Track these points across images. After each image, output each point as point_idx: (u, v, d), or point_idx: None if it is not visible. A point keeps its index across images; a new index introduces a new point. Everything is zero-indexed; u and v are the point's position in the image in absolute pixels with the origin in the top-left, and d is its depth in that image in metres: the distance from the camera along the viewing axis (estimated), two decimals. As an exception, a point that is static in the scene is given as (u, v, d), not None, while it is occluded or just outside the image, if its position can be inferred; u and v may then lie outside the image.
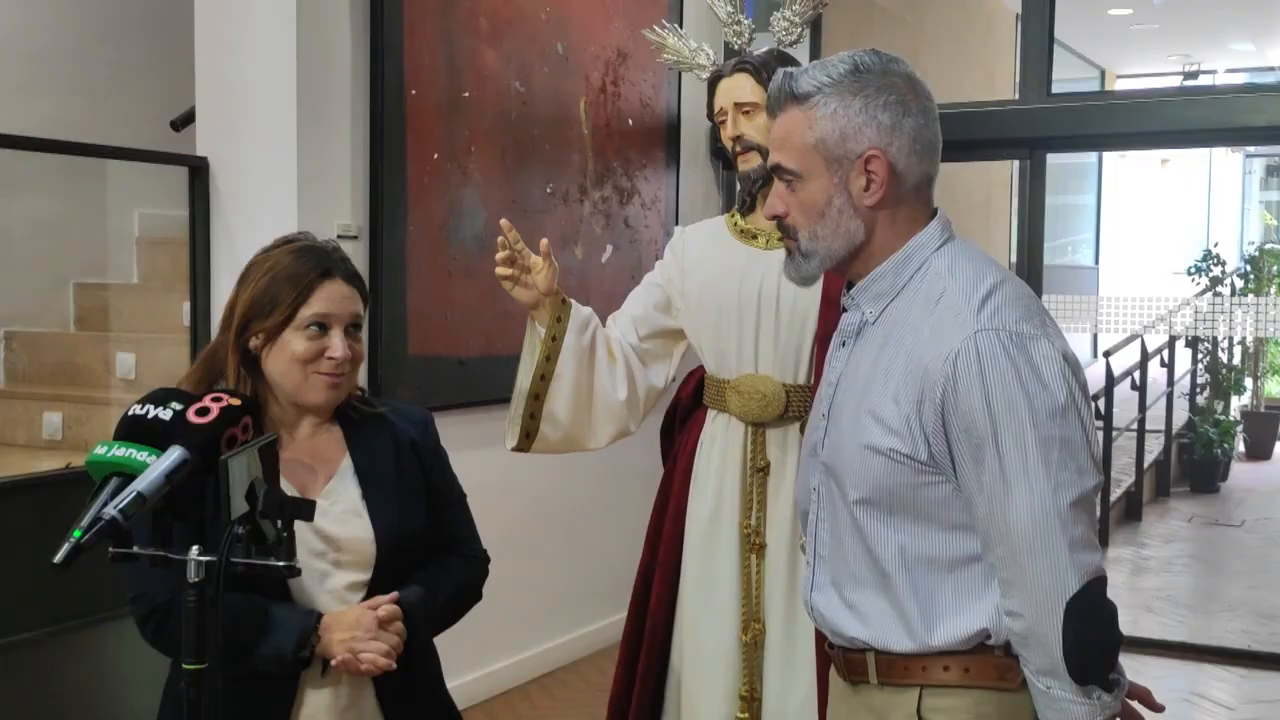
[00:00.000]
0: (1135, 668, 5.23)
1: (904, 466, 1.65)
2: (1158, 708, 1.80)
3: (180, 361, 4.01)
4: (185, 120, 4.36)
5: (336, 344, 1.95)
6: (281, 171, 3.77)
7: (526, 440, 2.62)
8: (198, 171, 3.84)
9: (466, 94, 4.32)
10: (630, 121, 5.22)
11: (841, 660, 1.79)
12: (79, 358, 4.65)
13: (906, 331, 1.68)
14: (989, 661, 1.67)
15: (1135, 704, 1.79)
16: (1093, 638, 1.60)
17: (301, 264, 1.97)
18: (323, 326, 1.95)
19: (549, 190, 4.75)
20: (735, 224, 2.71)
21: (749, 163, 2.59)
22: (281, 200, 3.77)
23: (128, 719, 3.55)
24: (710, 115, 2.72)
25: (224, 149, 3.85)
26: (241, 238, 3.79)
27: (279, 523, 1.63)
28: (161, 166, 4.05)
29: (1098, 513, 1.53)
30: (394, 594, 1.96)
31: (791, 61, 2.59)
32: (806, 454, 1.87)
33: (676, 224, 5.35)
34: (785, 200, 1.75)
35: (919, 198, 1.74)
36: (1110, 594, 1.65)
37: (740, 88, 2.60)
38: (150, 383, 4.28)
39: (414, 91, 4.09)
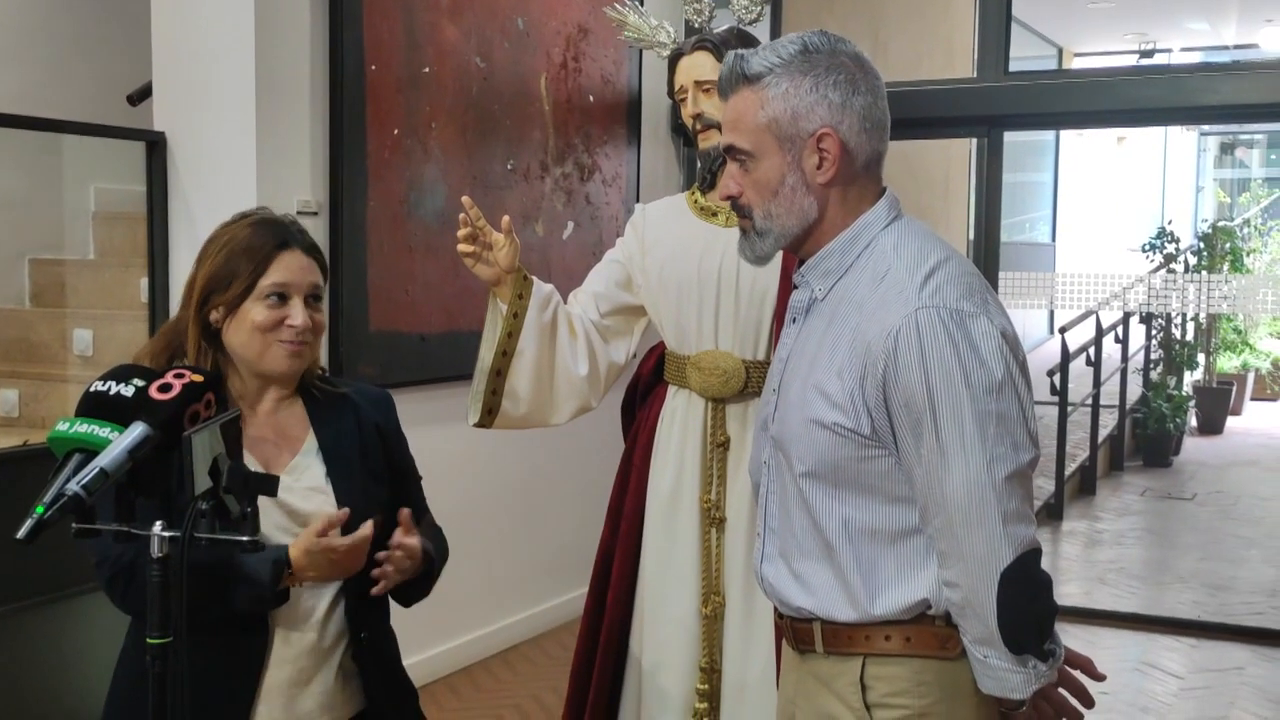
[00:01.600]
0: (1088, 638, 5.35)
1: (847, 440, 1.68)
2: (1099, 677, 1.86)
3: (139, 338, 3.98)
4: (142, 95, 4.32)
5: (296, 312, 1.98)
6: (240, 147, 3.74)
7: (489, 416, 2.63)
8: (155, 147, 3.81)
9: (427, 69, 4.31)
10: (591, 98, 5.22)
11: (790, 630, 1.83)
12: (35, 334, 4.60)
13: (852, 308, 1.72)
14: (929, 631, 1.71)
15: (1077, 673, 1.84)
16: (1026, 608, 1.64)
17: (259, 236, 2.00)
18: (282, 296, 1.98)
19: (510, 167, 4.75)
20: (695, 201, 2.73)
21: (709, 140, 2.61)
22: (240, 176, 3.75)
23: (87, 695, 3.55)
24: (671, 93, 2.74)
25: (182, 124, 3.82)
26: (200, 213, 3.77)
27: (243, 498, 1.64)
28: (118, 141, 4.02)
29: (1034, 487, 1.55)
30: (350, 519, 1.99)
31: (752, 40, 2.61)
32: (758, 428, 1.91)
33: (637, 201, 5.37)
34: (739, 181, 1.78)
35: (869, 175, 1.77)
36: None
37: (700, 66, 2.62)
38: (108, 359, 4.25)
39: (374, 67, 4.08)
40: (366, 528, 1.95)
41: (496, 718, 4.27)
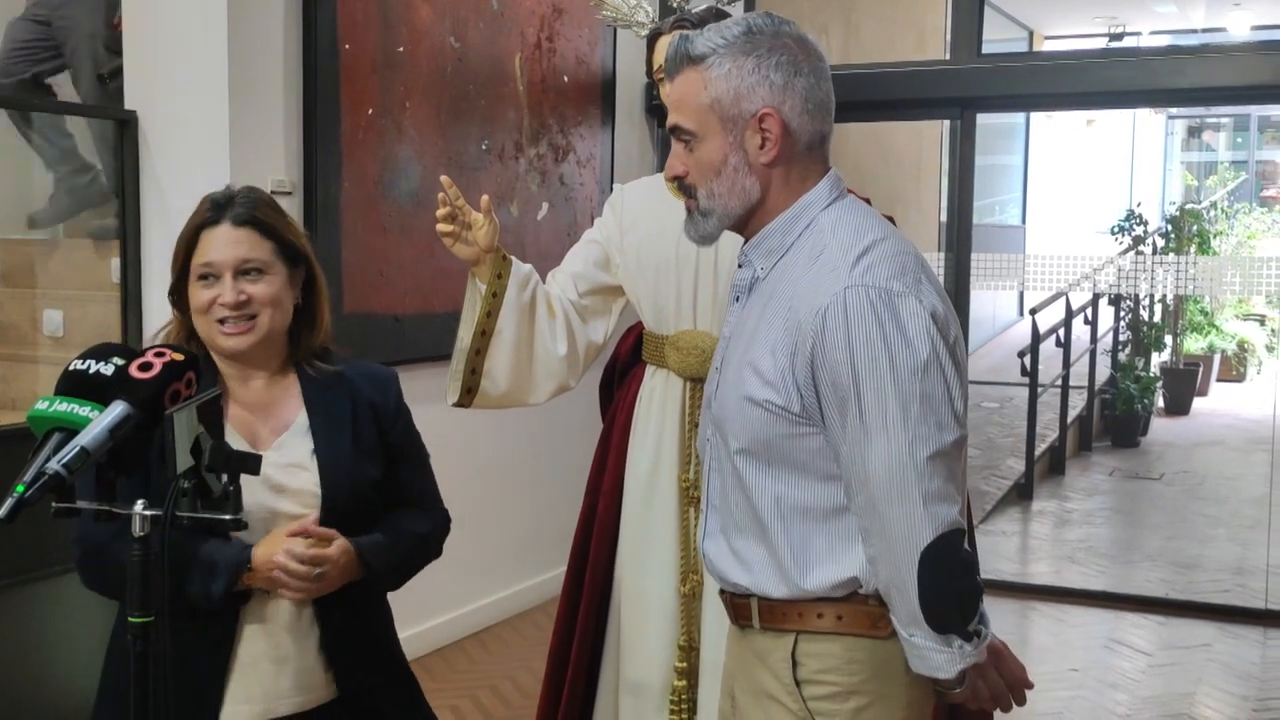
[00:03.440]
0: (1058, 616, 5.41)
1: (779, 418, 1.70)
2: (1028, 685, 1.86)
3: (110, 319, 3.95)
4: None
5: (224, 290, 1.96)
6: (213, 126, 3.72)
7: (468, 396, 2.63)
8: (126, 126, 3.77)
9: (401, 49, 4.29)
10: (566, 78, 5.20)
11: (730, 605, 1.85)
12: (4, 315, 4.55)
13: (788, 287, 1.74)
14: (861, 610, 1.73)
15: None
16: (947, 587, 1.66)
17: (196, 216, 2.01)
18: (214, 275, 1.97)
19: (484, 147, 4.74)
20: (674, 181, 2.72)
21: (687, 120, 2.61)
22: (213, 155, 3.72)
23: (64, 679, 3.53)
24: (649, 72, 2.73)
25: (153, 103, 3.79)
26: (172, 193, 3.74)
27: (225, 476, 1.64)
28: (89, 120, 3.98)
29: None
30: (328, 530, 1.96)
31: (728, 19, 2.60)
32: (704, 406, 1.93)
33: (612, 182, 5.37)
34: (684, 160, 1.80)
35: (812, 156, 1.78)
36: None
37: (679, 45, 2.61)
38: (79, 340, 4.22)
39: (348, 46, 4.05)
40: (330, 549, 1.92)
41: (471, 698, 4.28)
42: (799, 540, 1.72)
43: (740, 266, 1.86)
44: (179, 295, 2.02)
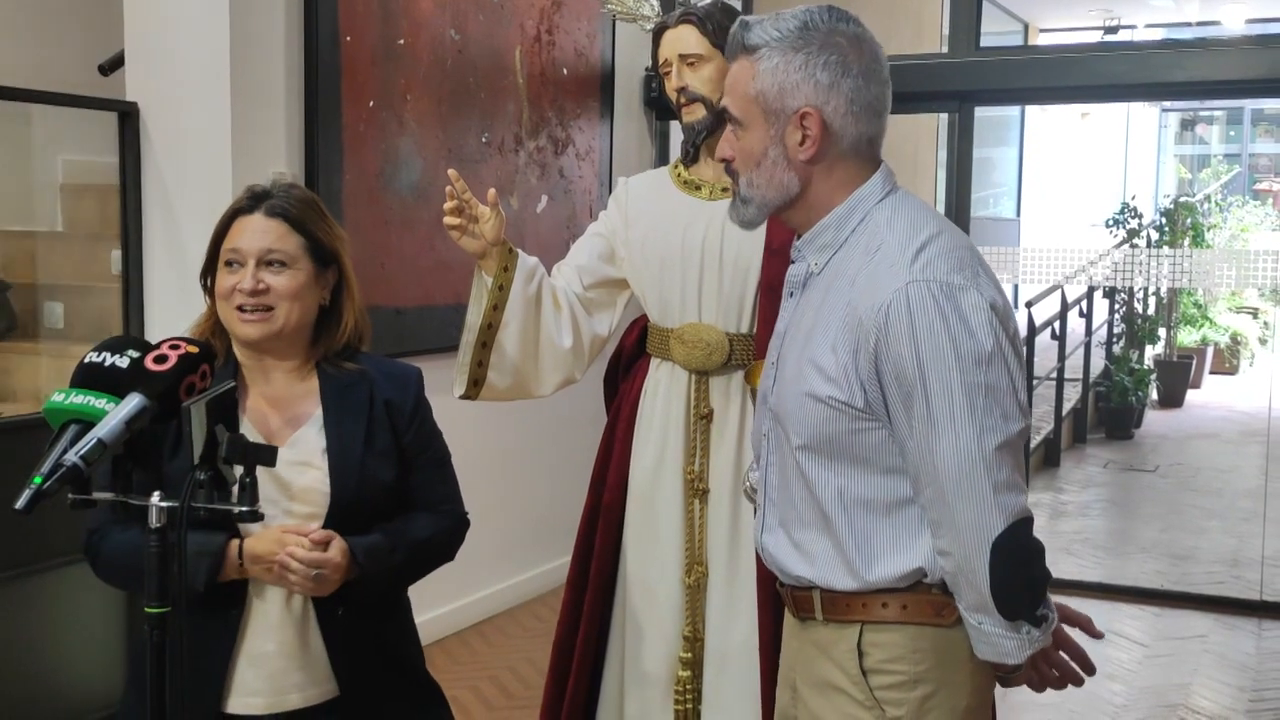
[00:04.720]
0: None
1: (842, 413, 1.71)
2: (1097, 635, 1.92)
3: (111, 311, 3.95)
4: (114, 64, 4.27)
5: (243, 277, 1.98)
6: (215, 118, 3.71)
7: (475, 388, 2.64)
8: (127, 117, 3.77)
9: (401, 41, 4.29)
10: (565, 71, 5.21)
11: (790, 598, 1.86)
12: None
13: (845, 282, 1.74)
14: (925, 599, 1.74)
15: (1075, 631, 1.89)
16: (1018, 575, 1.68)
17: (234, 204, 2.04)
18: (239, 262, 1.99)
19: (485, 140, 4.74)
20: (679, 175, 2.74)
21: (693, 114, 2.61)
22: (215, 147, 3.72)
23: (74, 669, 3.53)
24: (654, 67, 2.74)
25: (155, 94, 3.78)
26: (174, 185, 3.74)
27: (241, 468, 1.65)
28: (88, 111, 3.97)
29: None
30: (325, 532, 1.95)
31: (734, 13, 2.61)
32: (759, 401, 1.94)
33: (610, 175, 5.38)
34: (732, 145, 1.82)
35: (858, 156, 1.78)
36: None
37: (685, 39, 2.62)
38: (80, 333, 4.22)
39: (349, 38, 4.05)
40: (330, 551, 1.92)
41: (472, 688, 4.30)
42: (863, 533, 1.74)
43: (793, 262, 1.87)
44: (210, 280, 2.04)
